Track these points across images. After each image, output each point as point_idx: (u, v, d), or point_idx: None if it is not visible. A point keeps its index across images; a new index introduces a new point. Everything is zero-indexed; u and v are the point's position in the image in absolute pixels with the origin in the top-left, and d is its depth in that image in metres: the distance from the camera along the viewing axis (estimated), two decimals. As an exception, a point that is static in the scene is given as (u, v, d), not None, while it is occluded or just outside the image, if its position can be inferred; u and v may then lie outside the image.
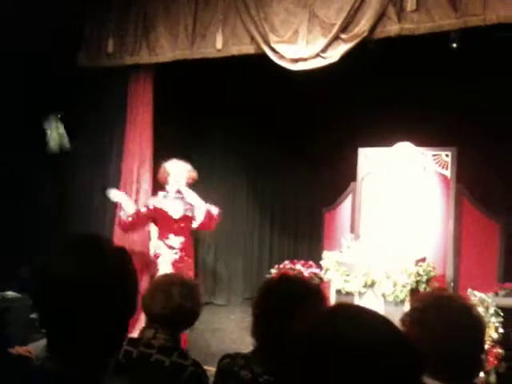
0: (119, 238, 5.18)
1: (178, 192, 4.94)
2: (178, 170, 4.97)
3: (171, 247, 4.91)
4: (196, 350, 4.68)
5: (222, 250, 7.59)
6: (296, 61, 4.63)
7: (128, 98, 5.59)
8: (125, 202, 5.05)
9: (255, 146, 7.21)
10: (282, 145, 6.78)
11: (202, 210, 4.90)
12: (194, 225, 5.00)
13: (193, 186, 5.01)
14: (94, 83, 5.61)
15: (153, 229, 5.27)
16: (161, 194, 5.03)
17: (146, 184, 5.63)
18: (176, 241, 4.92)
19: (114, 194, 5.12)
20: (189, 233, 5.04)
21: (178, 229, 4.93)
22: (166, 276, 2.46)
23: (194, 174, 5.05)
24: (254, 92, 6.40)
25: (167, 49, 5.20)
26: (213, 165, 7.44)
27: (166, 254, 4.89)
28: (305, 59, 4.58)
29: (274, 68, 4.78)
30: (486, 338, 3.71)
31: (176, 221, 4.92)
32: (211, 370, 2.08)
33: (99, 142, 5.78)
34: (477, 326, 1.55)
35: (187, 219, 4.94)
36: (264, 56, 4.75)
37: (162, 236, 4.95)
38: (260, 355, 1.66)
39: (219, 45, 4.92)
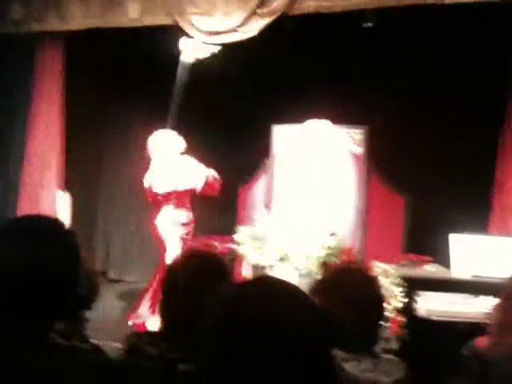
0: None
1: (171, 163, 4.74)
2: (164, 142, 4.79)
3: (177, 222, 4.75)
4: (110, 327, 4.62)
5: (135, 227, 7.47)
6: (212, 34, 4.58)
7: (35, 68, 5.29)
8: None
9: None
10: (197, 121, 6.69)
11: (200, 175, 4.72)
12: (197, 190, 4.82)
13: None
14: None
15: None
16: (151, 169, 4.83)
17: (54, 160, 5.41)
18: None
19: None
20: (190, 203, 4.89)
21: (178, 202, 4.75)
22: None
23: (182, 142, 4.86)
24: (170, 65, 6.26)
25: (78, 16, 4.96)
26: (128, 142, 7.26)
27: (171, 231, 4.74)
28: (222, 33, 4.54)
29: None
30: (390, 308, 3.92)
31: (171, 194, 4.74)
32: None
33: (2, 115, 5.46)
34: (376, 297, 1.64)
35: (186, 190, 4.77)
36: (180, 28, 4.66)
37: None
38: (166, 333, 1.66)
39: (134, 14, 4.77)
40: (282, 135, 6.10)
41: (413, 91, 5.73)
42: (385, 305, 1.67)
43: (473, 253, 3.74)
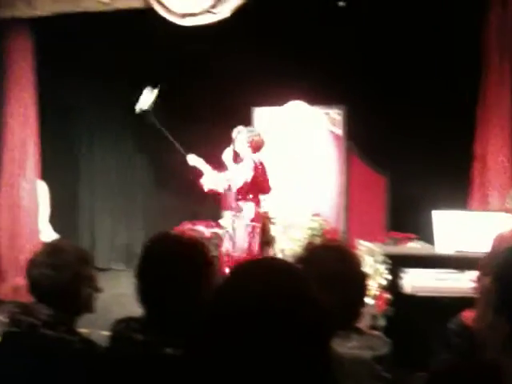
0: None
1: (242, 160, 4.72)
2: (238, 138, 4.73)
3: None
4: (97, 315, 4.58)
5: (120, 214, 7.41)
6: (185, 16, 4.51)
7: (5, 55, 5.17)
8: (202, 166, 4.80)
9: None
10: (175, 107, 6.61)
11: (239, 179, 4.68)
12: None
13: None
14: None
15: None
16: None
17: (32, 148, 5.31)
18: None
19: (191, 159, 4.86)
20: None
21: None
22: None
23: (256, 138, 4.80)
24: (143, 50, 6.16)
25: (46, 1, 4.83)
26: (107, 128, 7.18)
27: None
28: (195, 14, 4.47)
29: (163, 24, 4.61)
30: (376, 285, 3.94)
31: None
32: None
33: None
34: (356, 272, 1.62)
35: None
36: (152, 11, 4.57)
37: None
38: (150, 318, 1.64)
39: (105, -2, 4.67)
40: (263, 117, 6.06)
41: (391, 69, 5.71)
42: (367, 280, 1.65)
43: (456, 229, 3.77)
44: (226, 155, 4.88)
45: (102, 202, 7.38)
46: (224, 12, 4.41)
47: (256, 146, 4.86)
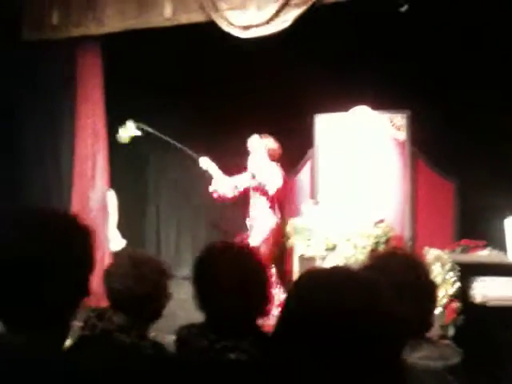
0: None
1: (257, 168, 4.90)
2: (255, 146, 4.89)
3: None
4: (163, 320, 4.69)
5: (184, 222, 7.58)
6: (247, 28, 4.57)
7: (76, 71, 5.43)
8: (214, 171, 4.96)
9: (211, 119, 7.11)
10: (238, 119, 6.70)
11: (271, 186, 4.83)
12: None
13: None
14: (39, 58, 5.42)
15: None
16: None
17: (102, 160, 5.53)
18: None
19: (203, 162, 5.04)
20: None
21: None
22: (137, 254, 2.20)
23: (272, 146, 4.97)
24: (206, 63, 6.29)
25: (114, 19, 5.04)
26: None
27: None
28: (256, 26, 4.52)
29: (224, 38, 4.70)
30: (444, 293, 3.83)
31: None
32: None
33: (49, 118, 5.62)
34: (424, 280, 1.58)
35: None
36: (214, 25, 4.66)
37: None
38: (211, 324, 1.68)
39: (168, 13, 4.81)
40: (325, 124, 6.04)
41: (457, 72, 5.55)
42: (436, 289, 1.61)
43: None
44: (252, 163, 4.94)
45: (167, 211, 7.57)
46: (286, 22, 4.44)
47: (274, 154, 4.93)
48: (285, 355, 0.92)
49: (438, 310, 3.49)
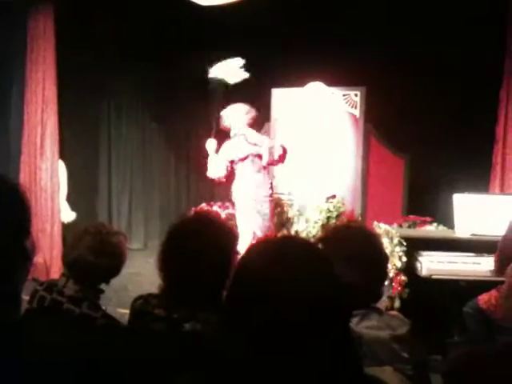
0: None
1: (241, 135, 4.67)
2: (235, 114, 4.72)
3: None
4: (114, 294, 4.65)
5: (138, 194, 7.47)
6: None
7: (28, 35, 5.19)
8: (212, 153, 4.75)
9: (166, 87, 6.98)
10: (194, 89, 6.59)
11: (265, 147, 4.63)
12: (263, 163, 4.71)
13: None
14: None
15: None
16: (227, 142, 4.75)
17: (52, 126, 5.36)
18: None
19: (209, 143, 4.77)
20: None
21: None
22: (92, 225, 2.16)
23: (252, 113, 4.80)
24: (162, 28, 6.15)
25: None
26: (123, 106, 7.21)
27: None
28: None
29: (184, 5, 4.60)
30: (391, 267, 3.94)
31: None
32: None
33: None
34: (378, 252, 1.62)
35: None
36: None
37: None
38: (170, 293, 1.67)
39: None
40: (282, 99, 6.03)
41: (410, 50, 5.63)
42: (387, 261, 1.66)
43: (476, 212, 3.74)
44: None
45: (120, 183, 7.44)
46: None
47: (254, 121, 4.84)
48: (234, 326, 0.93)
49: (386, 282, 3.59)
